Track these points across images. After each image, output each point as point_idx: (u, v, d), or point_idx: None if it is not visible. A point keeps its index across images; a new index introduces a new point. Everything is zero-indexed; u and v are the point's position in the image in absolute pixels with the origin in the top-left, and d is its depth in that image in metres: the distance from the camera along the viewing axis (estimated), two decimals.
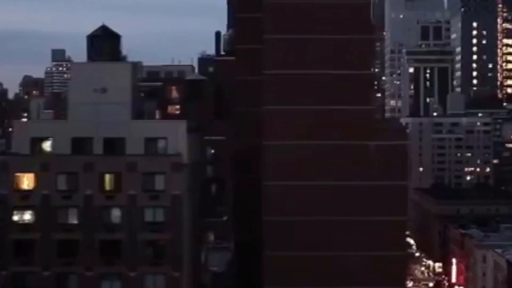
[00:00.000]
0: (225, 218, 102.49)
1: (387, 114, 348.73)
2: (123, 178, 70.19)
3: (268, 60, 74.29)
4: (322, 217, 73.92)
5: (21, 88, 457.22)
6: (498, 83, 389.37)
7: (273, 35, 74.03)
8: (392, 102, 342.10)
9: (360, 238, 74.22)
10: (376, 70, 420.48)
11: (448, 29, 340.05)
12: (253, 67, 77.50)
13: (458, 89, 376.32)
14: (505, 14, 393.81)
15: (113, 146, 72.01)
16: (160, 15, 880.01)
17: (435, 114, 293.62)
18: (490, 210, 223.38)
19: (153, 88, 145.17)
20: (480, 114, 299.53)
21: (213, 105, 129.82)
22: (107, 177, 70.65)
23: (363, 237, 74.21)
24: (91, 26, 79.39)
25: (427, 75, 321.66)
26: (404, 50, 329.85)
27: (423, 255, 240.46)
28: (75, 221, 70.12)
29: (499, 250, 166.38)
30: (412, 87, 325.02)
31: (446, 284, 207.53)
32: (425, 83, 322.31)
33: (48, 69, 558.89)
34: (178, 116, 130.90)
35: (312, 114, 73.94)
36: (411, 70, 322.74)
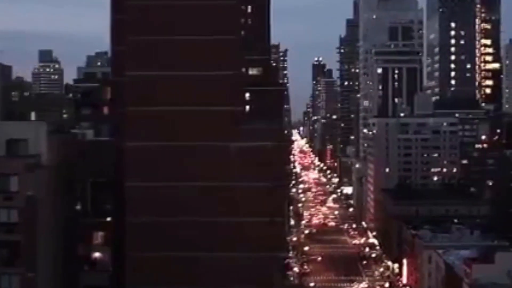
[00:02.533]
0: None
1: (361, 114, 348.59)
2: None
3: (130, 62, 74.25)
4: (185, 218, 73.85)
5: None
6: (477, 83, 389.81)
7: (135, 36, 73.93)
8: (365, 103, 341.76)
9: (224, 239, 74.07)
10: (357, 70, 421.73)
11: (420, 30, 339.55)
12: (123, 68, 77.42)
13: (437, 89, 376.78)
14: (483, 15, 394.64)
15: None
16: None
17: (402, 114, 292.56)
18: (448, 211, 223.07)
19: (88, 89, 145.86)
20: (457, 115, 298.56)
21: None
22: None
23: (227, 238, 74.08)
24: (89, 26, 79.76)
25: (395, 75, 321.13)
26: (373, 51, 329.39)
27: (384, 255, 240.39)
28: None
29: (440, 251, 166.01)
30: (380, 87, 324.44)
31: (400, 284, 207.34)
32: (393, 83, 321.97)
33: (35, 70, 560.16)
34: (107, 117, 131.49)
35: (174, 115, 73.76)
36: (379, 70, 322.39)
